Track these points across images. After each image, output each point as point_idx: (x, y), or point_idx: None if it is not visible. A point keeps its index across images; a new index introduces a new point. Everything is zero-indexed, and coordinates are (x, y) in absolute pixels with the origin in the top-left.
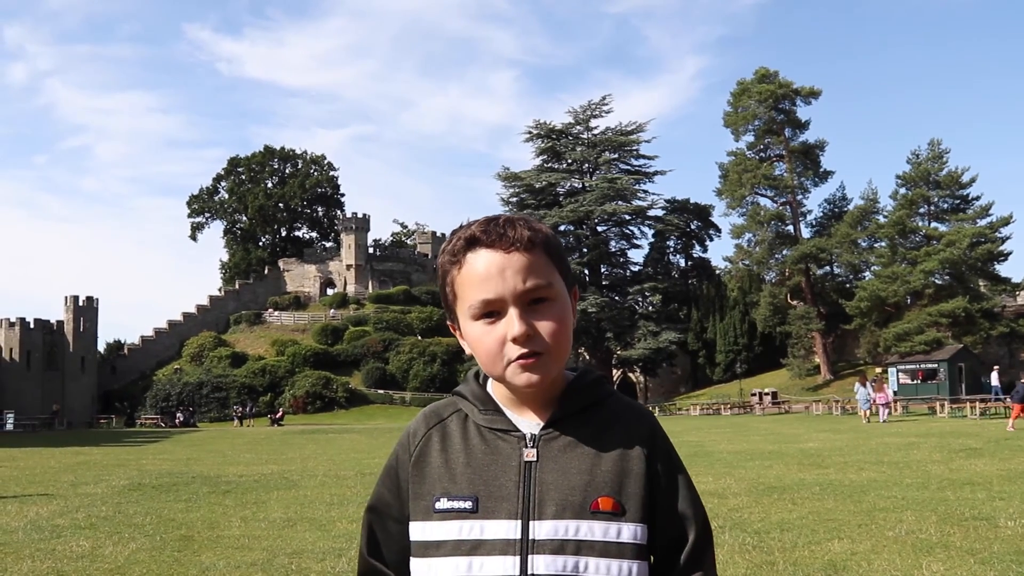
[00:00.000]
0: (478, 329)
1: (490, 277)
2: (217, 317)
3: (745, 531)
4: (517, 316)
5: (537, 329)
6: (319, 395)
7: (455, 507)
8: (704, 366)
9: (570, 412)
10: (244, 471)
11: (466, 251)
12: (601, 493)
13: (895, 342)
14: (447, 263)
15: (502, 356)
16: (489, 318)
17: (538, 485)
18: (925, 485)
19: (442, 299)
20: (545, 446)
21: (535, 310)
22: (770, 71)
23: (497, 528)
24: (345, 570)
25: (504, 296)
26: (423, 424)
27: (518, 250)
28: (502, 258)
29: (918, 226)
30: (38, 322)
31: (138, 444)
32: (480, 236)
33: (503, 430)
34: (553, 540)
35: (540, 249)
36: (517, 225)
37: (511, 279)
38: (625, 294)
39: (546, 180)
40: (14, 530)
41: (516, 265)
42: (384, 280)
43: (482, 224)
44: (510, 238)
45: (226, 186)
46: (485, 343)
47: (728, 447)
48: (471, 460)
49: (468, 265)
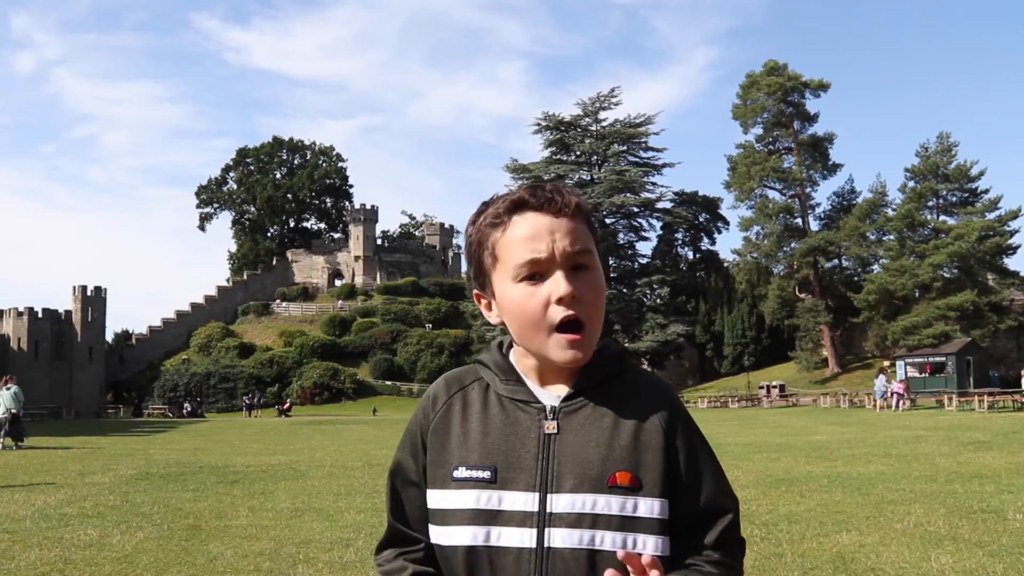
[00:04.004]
0: (520, 291)
1: (540, 237)
2: (225, 308)
3: (753, 523)
4: (563, 277)
5: (580, 295)
6: (327, 386)
7: (473, 476)
8: (712, 359)
9: (591, 384)
10: (252, 461)
11: (512, 213)
12: (619, 467)
13: (903, 335)
14: (488, 226)
15: (545, 320)
16: (532, 280)
17: (557, 458)
18: (933, 478)
19: (474, 266)
20: (565, 418)
21: (577, 276)
22: (779, 64)
23: (515, 499)
24: (353, 560)
25: (553, 256)
26: (444, 391)
27: (566, 215)
28: (551, 220)
29: (927, 219)
30: (46, 312)
31: (146, 434)
32: (529, 199)
33: (524, 401)
34: (571, 514)
35: (584, 218)
36: (564, 192)
37: (560, 240)
38: (633, 286)
39: (554, 172)
40: (22, 518)
41: (564, 228)
42: (392, 271)
43: (529, 189)
44: (559, 202)
45: (235, 177)
46: (528, 306)
47: (736, 440)
48: (490, 430)
49: (514, 226)
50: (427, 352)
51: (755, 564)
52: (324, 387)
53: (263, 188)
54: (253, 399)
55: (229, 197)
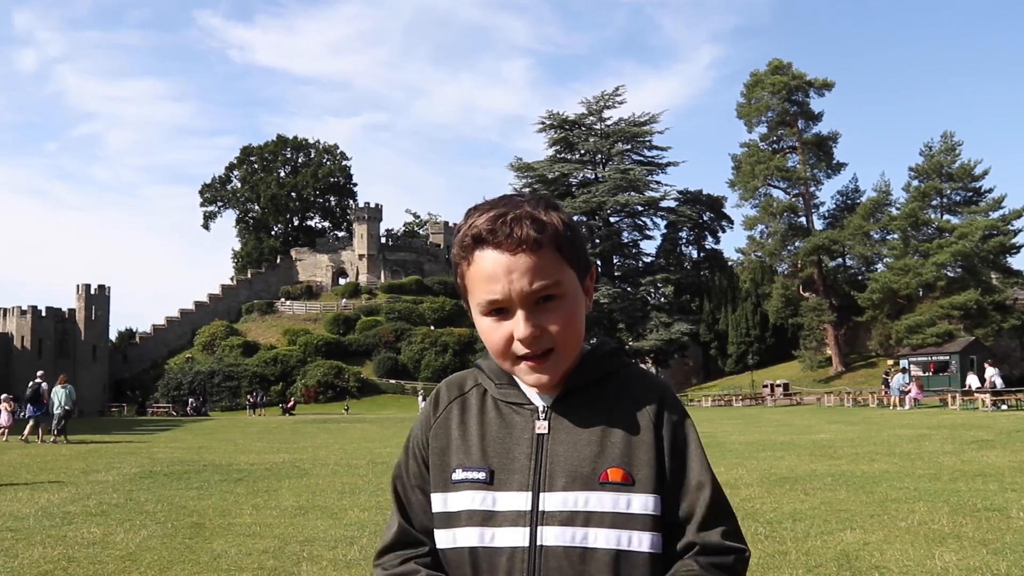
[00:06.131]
0: (487, 324)
1: (496, 278)
2: (229, 306)
3: (757, 521)
4: (523, 318)
5: (545, 329)
6: (331, 384)
7: (470, 478)
8: (716, 357)
9: (583, 384)
10: (256, 459)
11: (474, 248)
12: (610, 464)
13: (907, 334)
14: (458, 256)
15: (510, 352)
16: (497, 315)
17: (549, 457)
18: (937, 476)
19: (457, 286)
20: (557, 418)
21: (544, 308)
22: (783, 63)
23: (509, 500)
24: (357, 558)
25: (510, 297)
26: (444, 396)
27: (524, 251)
28: (508, 259)
29: (930, 218)
30: (50, 310)
31: (149, 432)
32: (486, 236)
33: (517, 403)
34: (562, 511)
35: (548, 247)
36: (523, 223)
37: (517, 281)
38: (637, 285)
39: (559, 171)
40: (25, 516)
41: (523, 267)
42: (396, 270)
43: (489, 220)
44: (516, 238)
45: (239, 175)
46: (493, 339)
47: (740, 438)
48: (487, 433)
49: (476, 263)
50: (431, 351)
51: (759, 562)
52: (328, 385)
53: (267, 186)
54: (257, 397)
55: (233, 195)
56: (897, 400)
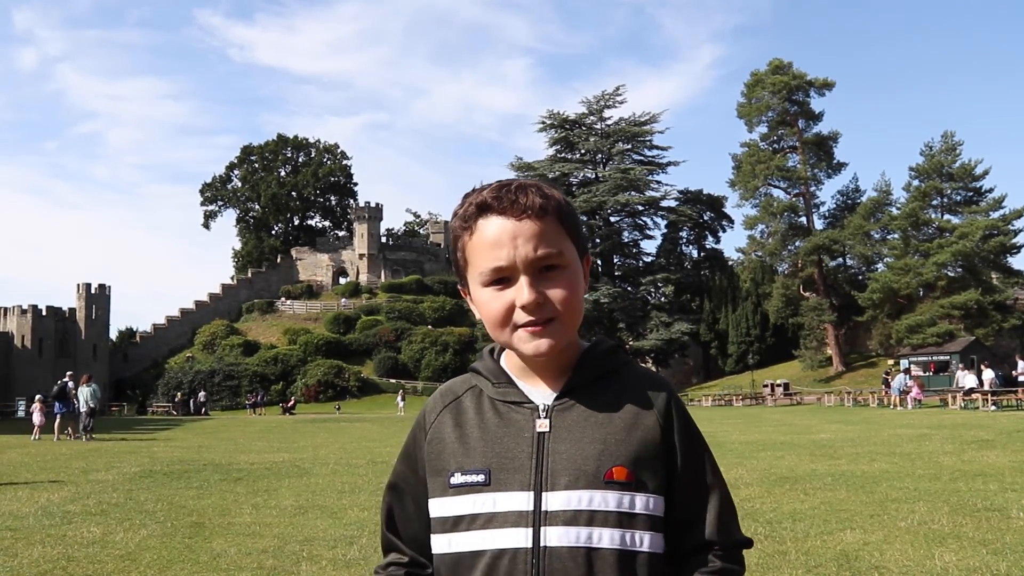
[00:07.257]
0: (487, 295)
1: (501, 244)
2: (229, 305)
3: (757, 521)
4: (527, 284)
5: (548, 296)
6: (331, 384)
7: (468, 481)
8: (716, 357)
9: (584, 381)
10: (255, 459)
11: (477, 217)
12: (615, 463)
13: (907, 334)
14: (458, 228)
15: (510, 322)
16: (499, 284)
17: (551, 456)
18: (937, 476)
19: (453, 263)
20: (558, 417)
21: (546, 277)
22: (784, 62)
23: (510, 500)
24: (356, 557)
25: (515, 263)
26: (439, 402)
27: (529, 217)
28: (513, 225)
29: (931, 218)
30: (50, 309)
31: (149, 431)
32: (491, 202)
33: (516, 402)
34: (566, 511)
35: (552, 216)
36: (529, 191)
37: (522, 247)
38: (638, 284)
39: (559, 170)
40: (25, 516)
41: (527, 232)
42: (396, 269)
43: (494, 190)
44: (522, 205)
45: (239, 174)
46: (493, 307)
47: (740, 438)
48: (485, 434)
49: (479, 231)
50: (432, 350)
51: (759, 562)
52: (328, 385)
53: (267, 186)
54: (257, 397)
55: (233, 195)
56: (898, 400)
